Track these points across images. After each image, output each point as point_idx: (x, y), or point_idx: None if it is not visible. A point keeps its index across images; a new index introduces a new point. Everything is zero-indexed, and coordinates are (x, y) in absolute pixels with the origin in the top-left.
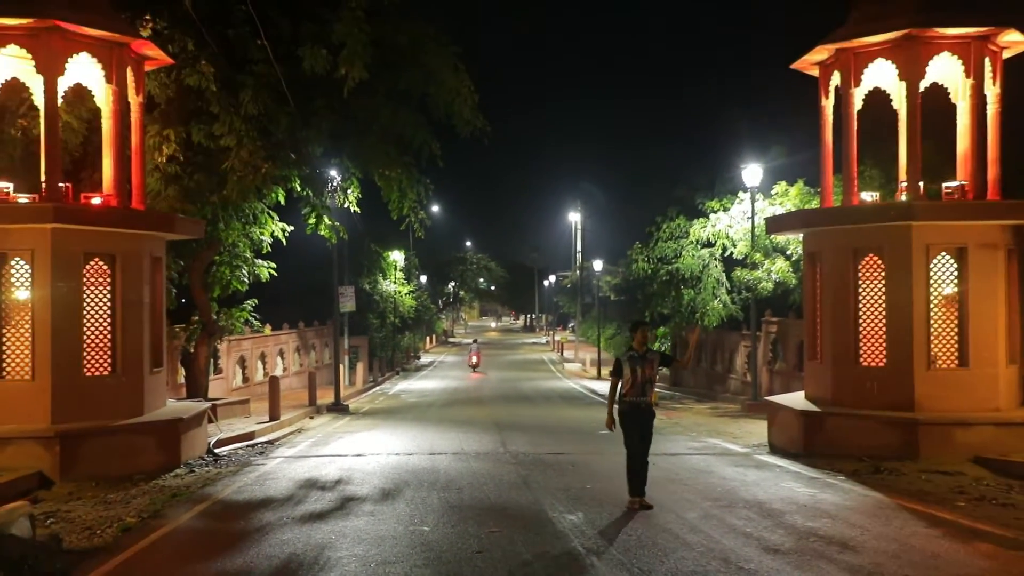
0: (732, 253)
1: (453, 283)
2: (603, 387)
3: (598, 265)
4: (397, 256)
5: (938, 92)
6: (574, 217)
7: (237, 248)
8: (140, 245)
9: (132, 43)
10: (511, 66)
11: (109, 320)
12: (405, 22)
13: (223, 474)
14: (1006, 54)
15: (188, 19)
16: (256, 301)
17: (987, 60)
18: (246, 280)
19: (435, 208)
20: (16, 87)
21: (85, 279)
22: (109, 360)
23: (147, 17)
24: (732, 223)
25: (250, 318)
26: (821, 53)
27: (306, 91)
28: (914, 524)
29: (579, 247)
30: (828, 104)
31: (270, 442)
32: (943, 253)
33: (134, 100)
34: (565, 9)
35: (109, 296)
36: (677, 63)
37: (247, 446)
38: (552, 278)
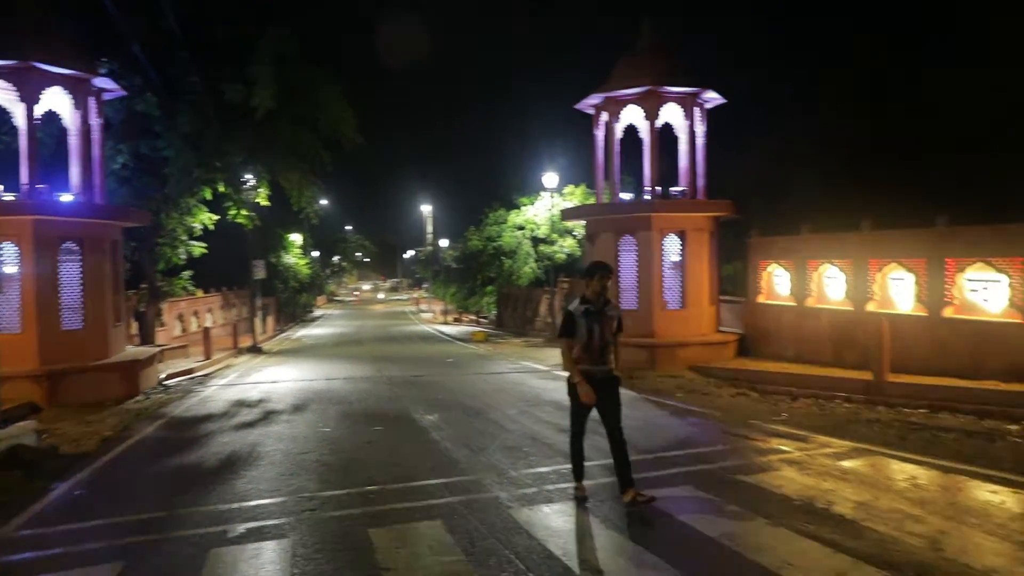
0: (537, 234)
1: (338, 256)
2: (449, 329)
3: (444, 243)
4: (296, 237)
5: (669, 128)
6: (426, 208)
7: (175, 232)
8: (102, 231)
9: (93, 79)
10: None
11: (80, 288)
12: (303, 67)
13: (173, 399)
14: (709, 105)
15: (138, 61)
16: (192, 272)
17: (696, 109)
18: (183, 256)
19: (324, 201)
20: (1, 112)
21: (60, 257)
22: (81, 317)
23: (104, 59)
24: (538, 213)
25: (187, 285)
26: (594, 99)
27: (228, 115)
28: (653, 409)
29: (430, 230)
30: (600, 133)
31: (206, 375)
32: (671, 234)
33: (95, 122)
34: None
35: (79, 270)
36: (501, 94)
37: (189, 378)
38: (411, 252)
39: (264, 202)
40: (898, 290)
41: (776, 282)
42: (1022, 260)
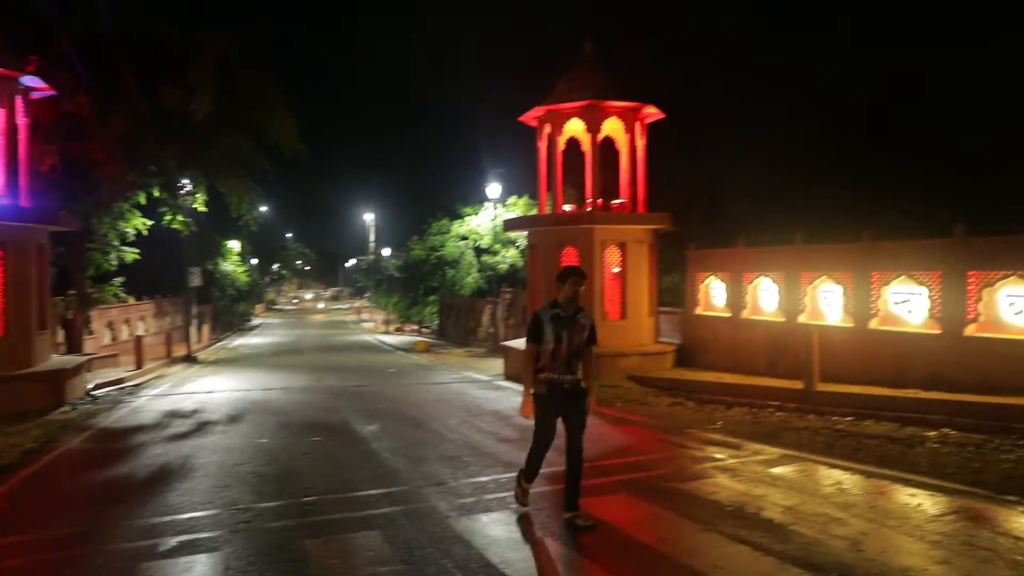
0: (480, 244)
1: (278, 264)
2: (390, 339)
3: (387, 251)
4: (234, 244)
5: (610, 142)
6: (368, 217)
7: (107, 238)
8: (27, 235)
9: (20, 76)
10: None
11: (2, 293)
12: (245, 72)
13: (102, 410)
14: (648, 120)
15: (70, 60)
16: (124, 278)
17: (637, 124)
18: (114, 262)
19: (264, 208)
20: None
21: None
22: (2, 324)
23: (33, 56)
24: (481, 223)
25: (118, 291)
26: (538, 112)
27: (165, 119)
28: (593, 418)
29: (373, 238)
30: (543, 145)
31: (137, 385)
32: (612, 246)
33: (21, 121)
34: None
35: (2, 275)
36: (447, 104)
37: (119, 389)
38: (353, 260)
39: (201, 208)
40: (828, 302)
41: (713, 294)
42: (940, 274)
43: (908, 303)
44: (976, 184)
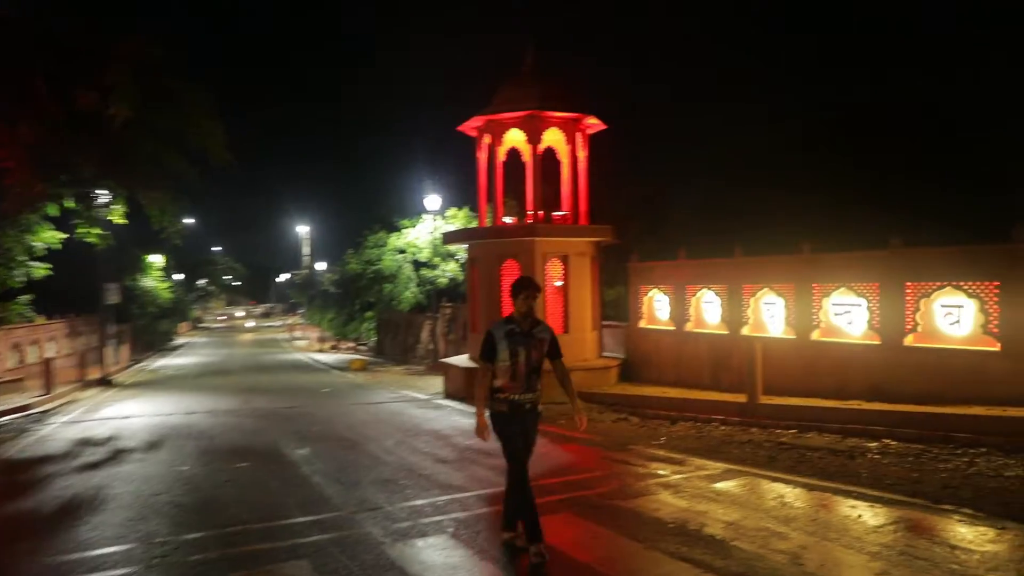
0: (419, 258)
1: (204, 279)
2: (325, 358)
3: (321, 266)
4: (156, 258)
5: (551, 152)
6: (303, 229)
7: (13, 252)
8: None
9: None
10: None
11: None
12: (169, 76)
13: (4, 439)
14: (590, 131)
15: None
16: (32, 296)
17: (578, 135)
18: (20, 279)
19: (190, 220)
20: None
21: None
22: None
23: None
24: (419, 236)
25: (24, 310)
26: (477, 121)
27: (81, 124)
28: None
29: (307, 252)
30: (483, 156)
31: (46, 412)
32: (554, 259)
33: None
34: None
35: None
36: (385, 115)
37: (24, 416)
38: (287, 275)
39: (120, 220)
40: (770, 314)
41: (657, 307)
42: (879, 285)
43: (848, 314)
44: (923, 196)
